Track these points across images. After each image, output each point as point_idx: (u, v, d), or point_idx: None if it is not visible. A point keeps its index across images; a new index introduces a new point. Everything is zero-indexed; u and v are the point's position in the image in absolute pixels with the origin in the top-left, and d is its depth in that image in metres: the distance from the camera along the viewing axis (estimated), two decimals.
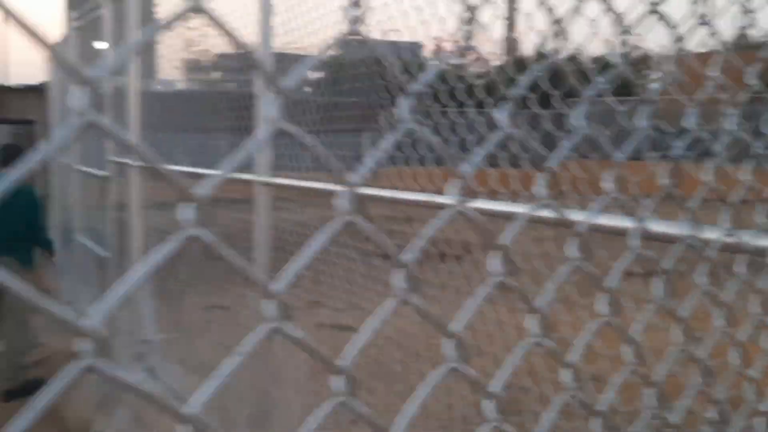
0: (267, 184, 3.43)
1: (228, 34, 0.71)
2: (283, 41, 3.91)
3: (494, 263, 1.04)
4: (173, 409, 0.72)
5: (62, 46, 8.60)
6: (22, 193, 5.94)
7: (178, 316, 5.02)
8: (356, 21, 0.84)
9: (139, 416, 4.77)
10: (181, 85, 6.30)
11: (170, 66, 5.62)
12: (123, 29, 5.75)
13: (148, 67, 5.72)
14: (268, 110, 0.75)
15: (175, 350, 4.96)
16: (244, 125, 4.22)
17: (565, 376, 1.14)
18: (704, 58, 1.34)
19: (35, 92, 11.16)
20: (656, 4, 1.20)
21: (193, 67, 6.32)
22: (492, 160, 1.33)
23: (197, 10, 0.69)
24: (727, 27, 1.32)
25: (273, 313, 0.84)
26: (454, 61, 1.03)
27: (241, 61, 5.24)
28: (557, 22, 1.08)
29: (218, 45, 5.02)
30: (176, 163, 4.75)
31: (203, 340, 4.81)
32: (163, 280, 5.12)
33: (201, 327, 4.80)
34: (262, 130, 0.76)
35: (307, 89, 5.43)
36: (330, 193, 0.95)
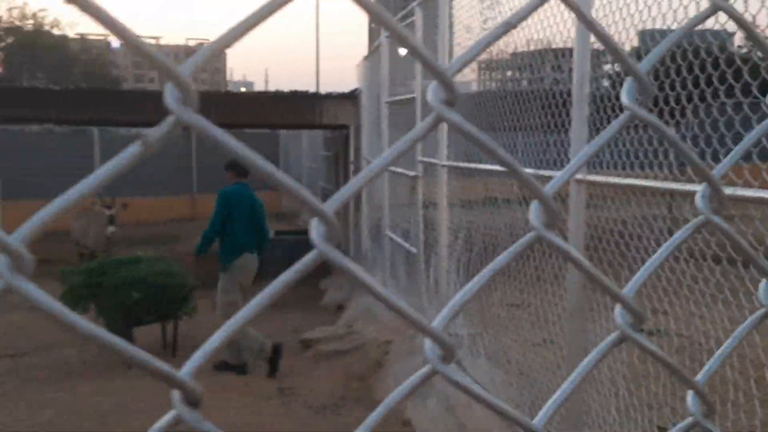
0: (582, 182, 3.35)
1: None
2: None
3: None
4: (524, 423, 0.71)
5: (374, 53, 9.20)
6: (258, 200, 7.19)
7: (484, 312, 5.11)
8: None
9: (451, 406, 4.94)
10: (475, 86, 6.41)
11: (465, 67, 5.73)
12: (433, 35, 5.99)
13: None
14: (628, 98, 0.71)
15: (482, 345, 5.06)
16: (546, 122, 4.17)
17: None
18: None
19: (348, 99, 12.11)
20: None
21: (487, 66, 6.40)
22: None
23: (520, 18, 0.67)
24: None
25: (624, 320, 0.80)
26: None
27: (541, 59, 5.19)
28: None
29: (512, 43, 5.02)
30: (482, 163, 4.84)
31: (507, 336, 4.84)
32: (471, 277, 5.24)
33: (505, 324, 4.84)
34: (618, 122, 0.72)
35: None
36: (665, 193, 0.88)
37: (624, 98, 0.72)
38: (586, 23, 0.69)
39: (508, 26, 0.63)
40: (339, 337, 7.57)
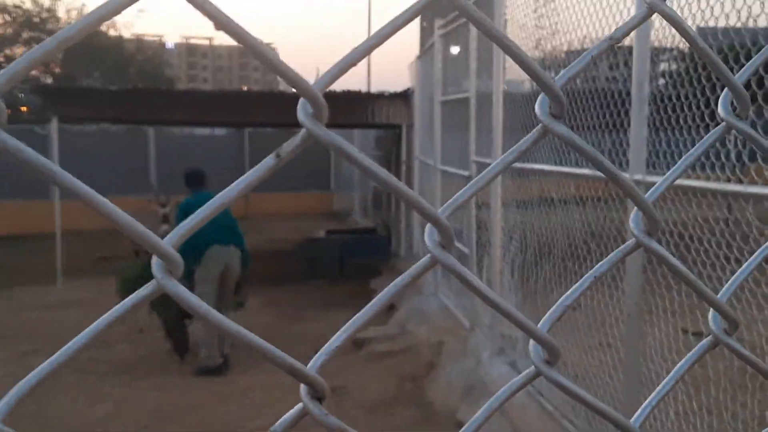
0: (641, 183, 3.30)
1: None
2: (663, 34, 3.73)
3: None
4: (623, 424, 0.71)
5: (429, 53, 9.20)
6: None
7: (539, 314, 5.06)
8: None
9: (504, 409, 4.90)
10: (527, 86, 6.36)
11: (518, 66, 5.68)
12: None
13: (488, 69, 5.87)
14: (723, 109, 0.70)
15: None
16: (603, 122, 4.12)
17: None
18: None
19: (400, 98, 12.13)
20: None
21: (541, 65, 6.34)
22: None
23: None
24: None
25: (717, 325, 0.79)
26: None
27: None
28: None
29: (567, 43, 4.96)
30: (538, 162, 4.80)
31: (563, 338, 4.79)
32: (526, 278, 5.21)
33: (561, 325, 4.79)
34: (718, 130, 0.71)
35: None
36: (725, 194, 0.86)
37: (721, 111, 0.71)
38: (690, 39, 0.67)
39: (612, 40, 0.63)
40: (391, 338, 7.57)
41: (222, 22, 0.47)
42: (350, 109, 11.68)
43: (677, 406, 3.59)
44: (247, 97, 12.82)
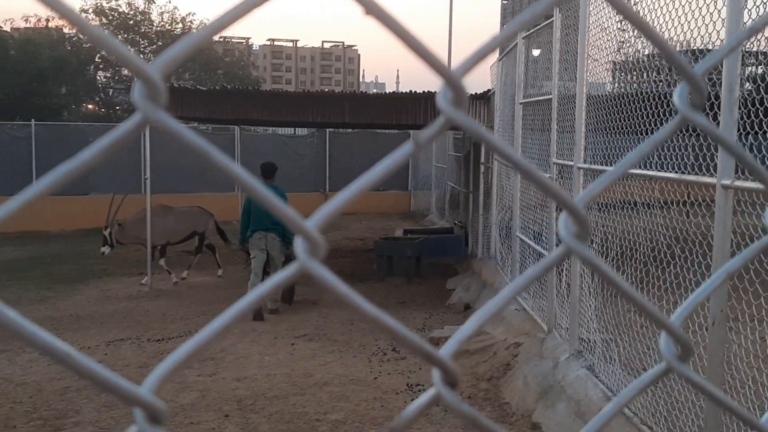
0: (729, 188, 3.24)
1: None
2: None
3: None
4: (755, 424, 0.70)
5: (510, 55, 9.17)
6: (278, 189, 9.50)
7: (620, 318, 5.01)
8: None
9: (582, 412, 4.87)
10: (609, 87, 6.28)
11: (600, 68, 5.63)
12: (570, 36, 5.91)
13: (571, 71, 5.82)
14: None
15: (615, 351, 4.95)
16: (687, 126, 4.03)
17: None
18: None
19: (481, 99, 12.09)
20: None
21: (623, 68, 6.25)
22: None
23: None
24: None
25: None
26: None
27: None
28: None
29: (651, 46, 4.88)
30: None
31: (643, 344, 4.72)
32: (606, 283, 5.15)
33: (641, 331, 4.73)
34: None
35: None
36: None
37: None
38: None
39: (752, 31, 0.62)
40: (467, 337, 7.59)
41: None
42: (430, 110, 11.73)
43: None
44: (329, 98, 13.01)
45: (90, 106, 31.38)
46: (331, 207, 0.51)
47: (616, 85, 6.32)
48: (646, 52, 5.55)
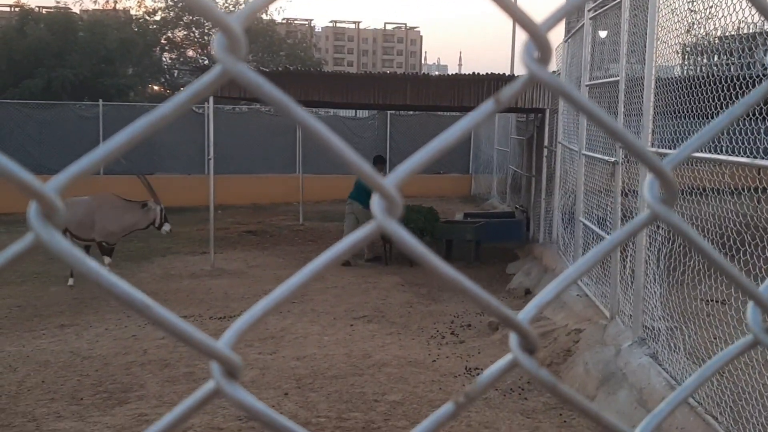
0: None
1: None
2: None
3: None
4: None
5: (576, 37, 8.99)
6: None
7: (686, 306, 4.89)
8: None
9: (644, 400, 4.79)
10: (678, 70, 6.10)
11: (669, 50, 5.46)
12: (638, 18, 5.76)
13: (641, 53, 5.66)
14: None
15: (680, 340, 4.84)
16: (758, 109, 3.90)
17: None
18: None
19: None
20: None
21: (693, 51, 6.07)
22: None
23: None
24: None
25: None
26: None
27: (754, 43, 4.84)
28: None
29: (722, 27, 4.71)
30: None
31: (709, 332, 4.60)
32: (672, 268, 5.04)
33: (707, 319, 4.61)
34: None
35: None
36: None
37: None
38: None
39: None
40: (546, 303, 7.52)
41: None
42: (492, 92, 11.61)
43: None
44: (391, 80, 12.97)
45: (156, 87, 31.99)
46: (408, 166, 0.50)
47: (686, 67, 6.14)
48: (717, 34, 5.37)
